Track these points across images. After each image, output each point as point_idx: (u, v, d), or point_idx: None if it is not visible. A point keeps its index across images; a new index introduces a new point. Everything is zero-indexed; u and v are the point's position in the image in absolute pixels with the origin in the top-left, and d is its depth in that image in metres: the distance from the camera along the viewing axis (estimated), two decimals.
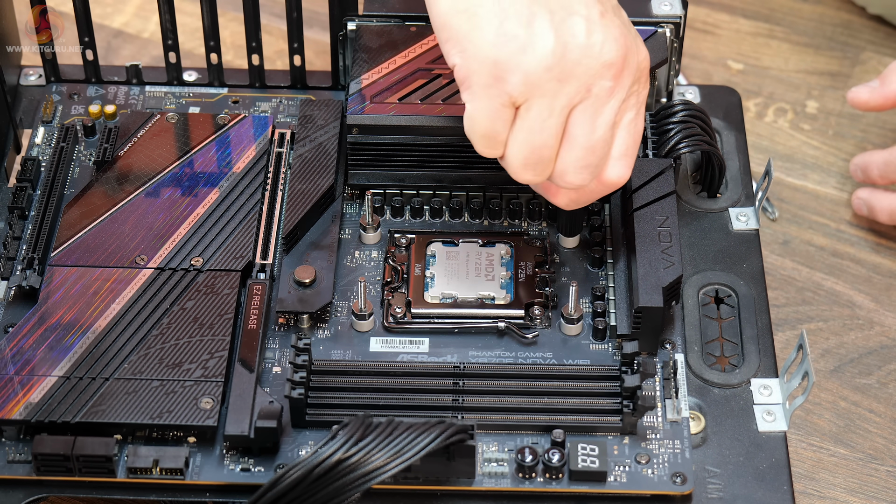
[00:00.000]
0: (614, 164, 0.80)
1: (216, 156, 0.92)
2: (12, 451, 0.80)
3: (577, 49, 0.77)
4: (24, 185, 0.91)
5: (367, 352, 0.85)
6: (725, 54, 1.10)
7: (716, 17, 1.13)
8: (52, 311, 0.84)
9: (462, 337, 0.85)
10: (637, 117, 0.80)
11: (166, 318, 0.84)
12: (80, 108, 0.97)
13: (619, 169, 0.81)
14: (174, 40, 0.97)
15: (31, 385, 0.80)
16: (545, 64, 0.76)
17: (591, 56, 0.77)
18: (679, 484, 0.79)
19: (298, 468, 0.73)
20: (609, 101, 0.78)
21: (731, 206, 0.92)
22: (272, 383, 0.83)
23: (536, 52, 0.76)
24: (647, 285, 0.83)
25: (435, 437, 0.74)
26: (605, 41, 0.77)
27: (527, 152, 0.79)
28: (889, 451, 0.88)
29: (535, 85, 0.76)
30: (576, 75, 0.77)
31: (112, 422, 0.79)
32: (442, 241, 0.89)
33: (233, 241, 0.88)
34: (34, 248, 0.87)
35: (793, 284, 0.96)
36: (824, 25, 1.12)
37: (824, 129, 1.05)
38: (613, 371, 0.82)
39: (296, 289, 0.86)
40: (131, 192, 0.90)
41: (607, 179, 0.81)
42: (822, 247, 0.98)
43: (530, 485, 0.79)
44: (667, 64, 0.93)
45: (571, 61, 0.76)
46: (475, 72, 0.77)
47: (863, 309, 0.95)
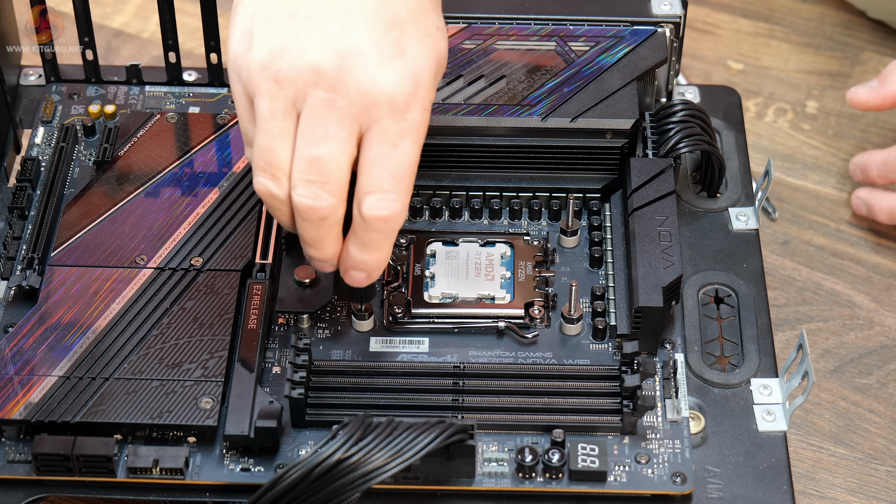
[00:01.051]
0: (365, 199, 0.76)
1: (216, 156, 0.92)
2: (12, 451, 0.80)
3: (293, 52, 0.75)
4: (24, 185, 0.91)
5: (367, 352, 0.85)
6: (725, 54, 1.10)
7: (716, 17, 1.13)
8: (52, 311, 0.84)
9: (462, 337, 0.85)
10: (393, 150, 0.75)
11: (166, 318, 0.84)
12: (80, 108, 0.97)
13: (371, 203, 0.76)
14: (174, 40, 0.97)
15: (31, 385, 0.80)
16: (261, 62, 0.75)
17: (303, 60, 0.74)
18: (679, 484, 0.79)
19: (298, 468, 0.73)
20: (330, 113, 0.75)
21: (731, 206, 0.92)
22: (272, 383, 0.83)
23: (258, 49, 0.75)
24: (647, 285, 0.83)
25: (435, 437, 0.74)
26: (323, 48, 0.74)
27: (256, 153, 0.77)
28: (889, 451, 0.88)
29: (254, 83, 0.76)
30: (290, 78, 0.75)
31: (112, 422, 0.79)
32: (442, 241, 0.89)
33: (233, 241, 0.88)
34: (34, 248, 0.87)
35: (793, 284, 0.96)
36: (824, 25, 1.12)
37: (824, 129, 1.05)
38: (613, 371, 0.82)
39: (296, 289, 0.86)
40: (131, 192, 0.90)
41: (363, 214, 0.76)
42: (822, 247, 0.98)
43: (530, 485, 0.79)
44: (667, 64, 0.93)
45: (286, 62, 0.75)
46: (227, 64, 0.78)
47: (863, 309, 0.95)
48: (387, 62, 0.75)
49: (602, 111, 0.89)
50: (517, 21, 0.94)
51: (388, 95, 0.75)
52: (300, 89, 0.75)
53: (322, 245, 0.79)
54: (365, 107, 0.75)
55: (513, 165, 0.90)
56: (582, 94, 0.90)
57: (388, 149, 0.76)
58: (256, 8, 0.76)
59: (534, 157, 0.90)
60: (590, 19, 0.93)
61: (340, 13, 0.75)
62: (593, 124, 0.89)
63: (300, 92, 0.75)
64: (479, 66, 0.91)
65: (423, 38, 0.77)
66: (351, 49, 0.75)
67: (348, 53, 0.75)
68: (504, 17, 0.94)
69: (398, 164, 0.76)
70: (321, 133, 0.75)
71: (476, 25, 0.93)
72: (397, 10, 0.76)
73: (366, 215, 0.76)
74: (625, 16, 0.94)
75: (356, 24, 0.75)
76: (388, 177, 0.76)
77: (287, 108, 0.75)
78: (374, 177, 0.76)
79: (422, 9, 0.78)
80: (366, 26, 0.75)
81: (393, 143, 0.75)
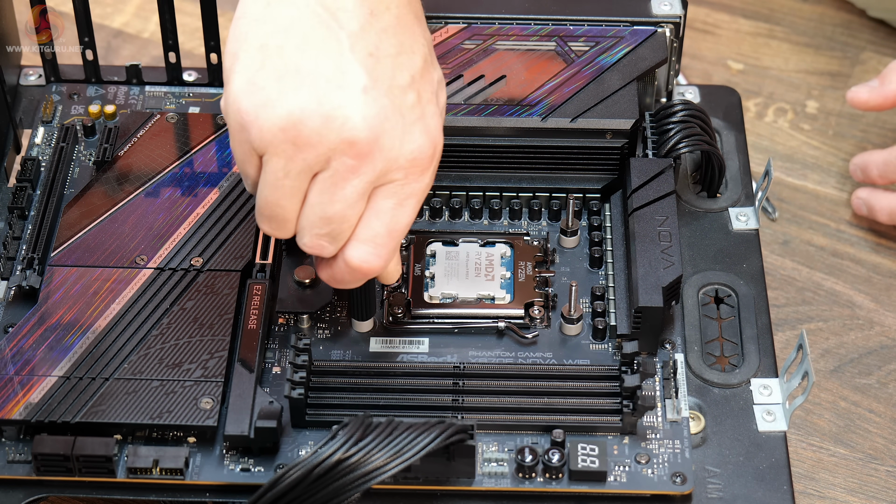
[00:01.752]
0: (356, 246, 0.76)
1: (216, 156, 0.92)
2: (12, 451, 0.80)
3: (317, 117, 0.73)
4: (24, 185, 0.91)
5: (367, 352, 0.85)
6: (725, 54, 1.10)
7: (716, 17, 1.13)
8: (52, 311, 0.84)
9: (462, 337, 0.85)
10: (397, 208, 0.76)
11: (166, 318, 0.84)
12: (79, 108, 0.97)
13: (361, 252, 0.76)
14: (174, 40, 0.97)
15: (31, 385, 0.80)
16: (280, 124, 0.73)
17: (331, 129, 0.73)
18: (679, 484, 0.79)
19: (298, 468, 0.73)
20: (352, 178, 0.74)
21: (731, 206, 0.92)
22: (272, 383, 0.83)
23: (275, 110, 0.73)
24: (647, 285, 0.83)
25: (435, 437, 0.74)
26: (353, 117, 0.73)
27: (262, 203, 0.76)
28: (889, 451, 0.88)
29: (269, 143, 0.74)
30: (312, 144, 0.73)
31: (112, 422, 0.79)
32: (442, 242, 0.89)
33: (233, 241, 0.88)
34: (34, 248, 0.87)
35: (793, 284, 0.96)
36: (824, 25, 1.12)
37: (824, 129, 1.05)
38: (613, 371, 0.82)
39: (296, 289, 0.86)
40: (131, 192, 0.90)
41: (349, 260, 0.76)
42: (822, 247, 0.98)
43: (530, 485, 0.79)
44: (667, 64, 0.93)
45: (308, 128, 0.73)
46: (227, 113, 0.75)
47: (863, 309, 0.95)
48: (409, 128, 0.75)
49: (602, 111, 0.89)
50: (517, 21, 0.94)
51: (410, 161, 0.75)
52: (323, 154, 0.74)
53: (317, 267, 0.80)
54: (387, 171, 0.75)
55: (513, 165, 0.90)
56: (582, 94, 0.90)
57: (394, 206, 0.76)
58: (264, 60, 0.74)
59: (534, 157, 0.90)
60: (590, 19, 0.93)
61: (360, 75, 0.74)
62: (593, 124, 0.89)
63: (323, 157, 0.74)
64: (479, 66, 0.91)
65: (431, 98, 0.77)
66: (379, 116, 0.74)
67: (376, 122, 0.74)
68: (504, 17, 0.94)
69: (398, 222, 0.76)
70: (340, 195, 0.75)
71: (476, 25, 0.93)
72: (410, 71, 0.76)
73: (350, 262, 0.77)
74: (625, 16, 0.94)
75: (378, 89, 0.74)
76: (385, 232, 0.76)
77: (303, 169, 0.74)
78: (371, 228, 0.76)
79: (426, 66, 0.77)
80: (387, 91, 0.74)
81: (400, 203, 0.76)
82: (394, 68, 0.75)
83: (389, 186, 0.75)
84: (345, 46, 0.74)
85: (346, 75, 0.74)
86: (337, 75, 0.74)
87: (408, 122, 0.75)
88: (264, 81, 0.74)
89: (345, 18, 0.74)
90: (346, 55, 0.74)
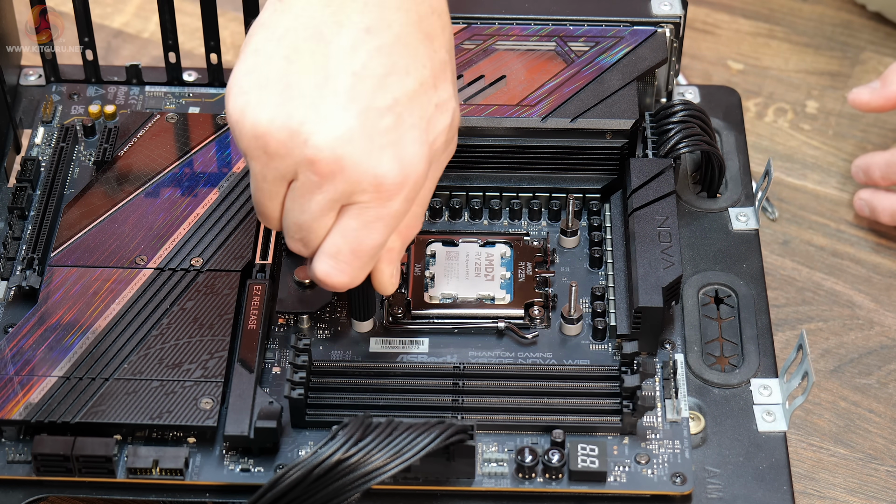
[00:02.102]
0: (320, 259, 0.77)
1: (216, 156, 0.92)
2: (12, 452, 0.80)
3: (285, 131, 0.74)
4: (24, 185, 0.91)
5: (367, 352, 0.85)
6: (725, 54, 1.10)
7: (716, 17, 1.13)
8: (52, 311, 0.84)
9: (462, 337, 0.85)
10: (363, 229, 0.76)
11: (166, 318, 0.84)
12: (79, 108, 0.97)
13: (324, 266, 0.77)
14: (174, 40, 0.97)
15: (31, 385, 0.80)
16: (252, 132, 0.74)
17: (295, 144, 0.73)
18: (679, 484, 0.79)
19: (298, 468, 0.73)
20: (316, 193, 0.75)
21: (731, 206, 0.92)
22: (272, 383, 0.83)
23: (251, 115, 0.74)
24: (647, 285, 0.83)
25: (435, 438, 0.74)
26: (317, 135, 0.73)
27: (254, 200, 0.78)
28: (889, 451, 0.88)
29: (246, 147, 0.75)
30: (280, 155, 0.74)
31: (112, 422, 0.79)
32: (442, 242, 0.89)
33: (233, 241, 0.88)
34: (34, 249, 0.87)
35: (793, 284, 0.96)
36: (824, 25, 1.12)
37: (824, 129, 1.05)
38: (613, 371, 0.82)
39: (296, 289, 0.86)
40: (131, 193, 0.90)
41: (313, 270, 0.78)
42: (822, 247, 0.98)
43: (530, 485, 0.79)
44: (667, 64, 0.93)
45: (276, 140, 0.74)
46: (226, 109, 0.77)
47: (863, 309, 0.95)
48: (377, 152, 0.74)
49: (602, 111, 0.89)
50: (517, 21, 0.94)
51: (374, 185, 0.75)
52: (290, 166, 0.75)
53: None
54: (351, 191, 0.75)
55: (513, 165, 0.90)
56: (582, 94, 0.90)
57: (359, 227, 0.76)
58: (255, 65, 0.75)
59: (534, 158, 0.90)
60: (590, 19, 0.93)
61: (336, 93, 0.74)
62: (593, 124, 0.89)
63: (290, 168, 0.75)
64: (479, 66, 0.91)
65: (417, 123, 0.75)
66: (343, 138, 0.73)
67: (341, 143, 0.73)
68: (504, 17, 0.94)
69: (362, 243, 0.76)
70: (306, 207, 0.76)
71: (476, 25, 0.93)
72: (394, 93, 0.75)
73: (314, 273, 0.78)
74: (625, 16, 0.94)
75: (349, 110, 0.74)
76: (348, 251, 0.76)
77: (276, 177, 0.76)
78: (335, 244, 0.76)
79: (422, 88, 0.76)
80: (360, 112, 0.74)
81: (365, 224, 0.76)
82: (376, 89, 0.74)
83: (354, 207, 0.75)
84: (330, 62, 0.74)
85: (323, 92, 0.74)
86: (313, 91, 0.74)
87: (376, 147, 0.74)
88: (249, 86, 0.75)
89: (338, 33, 0.74)
90: (329, 71, 0.74)
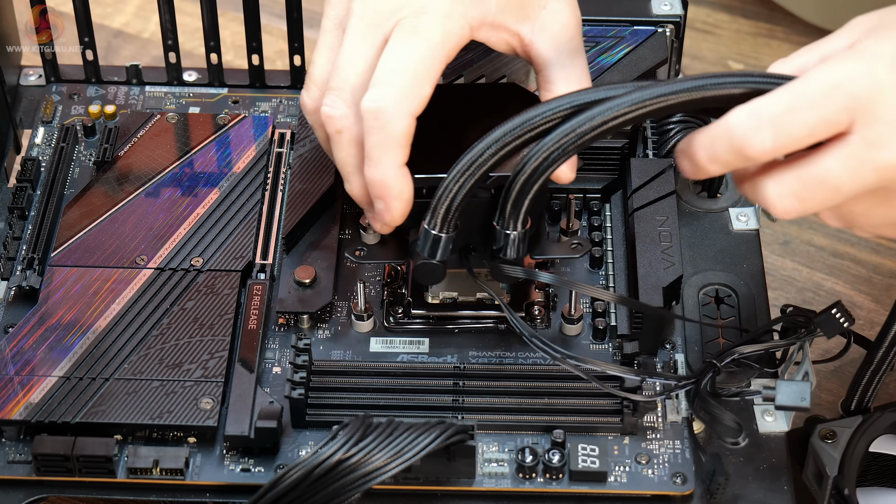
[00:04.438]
0: (366, 93, 0.77)
1: (216, 156, 0.92)
2: (12, 452, 0.80)
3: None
4: (24, 186, 0.91)
5: (367, 352, 0.85)
6: (725, 54, 1.10)
7: (716, 17, 1.13)
8: (52, 311, 0.84)
9: (462, 337, 0.85)
10: (399, 47, 0.77)
11: (166, 318, 0.84)
12: (80, 108, 0.97)
13: (369, 94, 0.76)
14: (174, 40, 0.97)
15: (31, 385, 0.80)
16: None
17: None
18: (679, 484, 0.79)
19: (298, 468, 0.73)
20: (357, 24, 0.78)
21: (731, 206, 0.92)
22: (272, 383, 0.83)
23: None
24: (647, 285, 0.83)
25: (435, 438, 0.74)
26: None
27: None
28: None
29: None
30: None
31: (112, 422, 0.79)
32: None
33: (233, 241, 0.88)
34: (34, 249, 0.87)
35: (793, 284, 0.96)
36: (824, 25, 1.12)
37: None
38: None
39: (296, 289, 0.86)
40: (131, 193, 0.90)
41: (361, 107, 0.77)
42: (822, 247, 0.98)
43: (530, 485, 0.79)
44: (667, 64, 0.93)
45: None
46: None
47: (863, 309, 0.95)
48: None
49: None
50: None
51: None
52: (344, 5, 0.79)
53: (347, 174, 0.80)
54: (388, 12, 0.77)
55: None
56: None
57: (396, 45, 0.77)
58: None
59: None
60: (590, 19, 0.93)
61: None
62: None
63: (343, 9, 0.79)
64: (479, 66, 0.91)
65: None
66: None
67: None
68: None
69: (400, 58, 0.77)
70: (348, 43, 0.78)
71: None
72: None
73: (361, 109, 0.77)
74: (625, 16, 0.94)
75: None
76: (388, 69, 0.77)
77: (334, 25, 0.79)
78: (377, 72, 0.77)
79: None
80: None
81: (403, 41, 0.77)
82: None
83: (394, 31, 0.77)
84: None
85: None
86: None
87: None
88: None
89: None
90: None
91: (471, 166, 0.75)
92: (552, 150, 0.74)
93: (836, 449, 0.80)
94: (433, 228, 0.78)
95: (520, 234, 0.78)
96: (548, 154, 0.74)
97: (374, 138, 0.77)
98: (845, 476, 0.78)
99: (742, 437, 0.76)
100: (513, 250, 0.79)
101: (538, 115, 0.74)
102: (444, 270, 0.80)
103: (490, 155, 0.75)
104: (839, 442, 0.80)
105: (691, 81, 0.71)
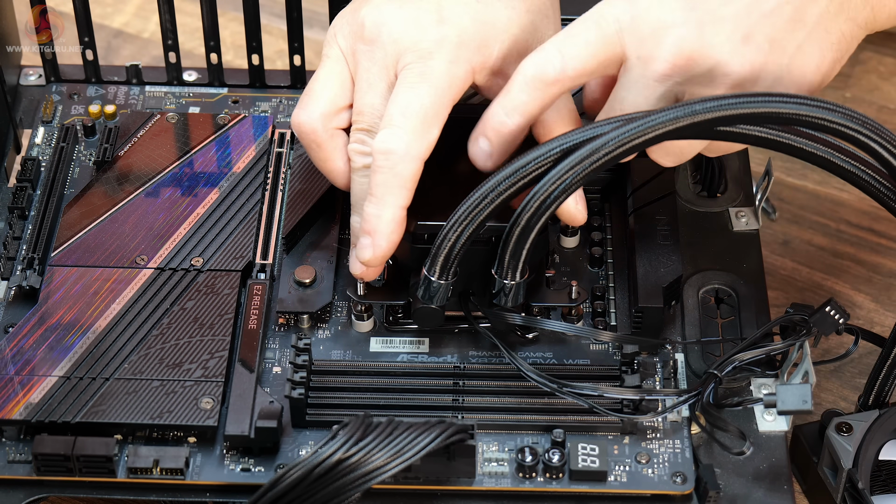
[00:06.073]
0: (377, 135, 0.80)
1: (216, 156, 0.92)
2: (12, 451, 0.80)
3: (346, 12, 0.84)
4: (24, 185, 0.91)
5: (367, 352, 0.85)
6: None
7: None
8: (52, 311, 0.84)
9: (462, 337, 0.85)
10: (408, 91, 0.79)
11: (166, 318, 0.84)
12: (80, 108, 0.97)
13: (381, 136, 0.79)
14: (174, 40, 0.97)
15: (31, 385, 0.80)
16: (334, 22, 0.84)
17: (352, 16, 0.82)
18: (679, 484, 0.79)
19: (298, 468, 0.73)
20: (370, 66, 0.81)
21: (731, 206, 0.92)
22: (272, 383, 0.83)
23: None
24: (647, 285, 0.83)
25: (435, 437, 0.74)
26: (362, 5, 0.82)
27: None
28: None
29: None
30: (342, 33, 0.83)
31: (112, 422, 0.79)
32: None
33: (233, 241, 0.88)
34: (34, 248, 0.87)
35: (793, 284, 0.96)
36: None
37: None
38: (613, 371, 0.82)
39: (296, 289, 0.86)
40: (131, 192, 0.90)
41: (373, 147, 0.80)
42: (822, 247, 0.98)
43: (530, 484, 0.79)
44: None
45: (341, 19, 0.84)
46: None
47: (863, 309, 0.95)
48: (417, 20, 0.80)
49: None
50: None
51: (413, 41, 0.80)
52: (351, 45, 0.82)
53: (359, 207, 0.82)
54: (397, 54, 0.79)
55: None
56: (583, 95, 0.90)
57: (405, 89, 0.79)
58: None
59: None
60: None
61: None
62: None
63: (349, 48, 0.82)
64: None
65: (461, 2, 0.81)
66: (386, 12, 0.81)
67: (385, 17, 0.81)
68: None
69: (410, 102, 0.79)
70: (364, 84, 0.81)
71: None
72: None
73: (373, 148, 0.79)
74: None
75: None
76: (398, 113, 0.79)
77: (339, 56, 0.82)
78: (387, 115, 0.79)
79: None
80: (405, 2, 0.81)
81: (411, 86, 0.79)
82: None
83: (402, 73, 0.80)
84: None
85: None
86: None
87: (422, 17, 0.80)
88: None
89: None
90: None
91: (468, 216, 0.77)
92: (544, 198, 0.75)
93: (852, 442, 0.80)
94: (433, 275, 0.79)
95: (518, 284, 0.79)
96: (540, 203, 0.75)
97: (380, 177, 0.79)
98: (860, 469, 0.79)
99: (747, 447, 0.76)
100: (511, 299, 0.80)
101: (531, 162, 0.76)
102: (444, 315, 0.81)
103: (487, 204, 0.76)
104: (855, 435, 0.80)
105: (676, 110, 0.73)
